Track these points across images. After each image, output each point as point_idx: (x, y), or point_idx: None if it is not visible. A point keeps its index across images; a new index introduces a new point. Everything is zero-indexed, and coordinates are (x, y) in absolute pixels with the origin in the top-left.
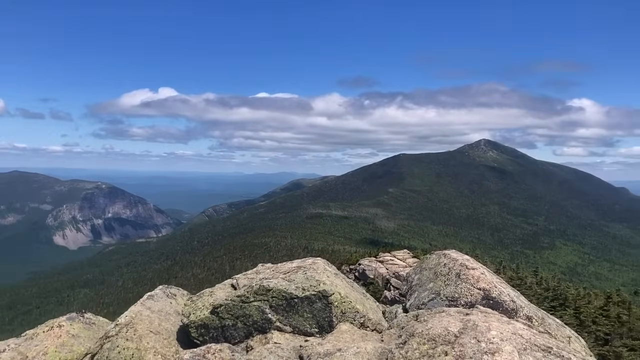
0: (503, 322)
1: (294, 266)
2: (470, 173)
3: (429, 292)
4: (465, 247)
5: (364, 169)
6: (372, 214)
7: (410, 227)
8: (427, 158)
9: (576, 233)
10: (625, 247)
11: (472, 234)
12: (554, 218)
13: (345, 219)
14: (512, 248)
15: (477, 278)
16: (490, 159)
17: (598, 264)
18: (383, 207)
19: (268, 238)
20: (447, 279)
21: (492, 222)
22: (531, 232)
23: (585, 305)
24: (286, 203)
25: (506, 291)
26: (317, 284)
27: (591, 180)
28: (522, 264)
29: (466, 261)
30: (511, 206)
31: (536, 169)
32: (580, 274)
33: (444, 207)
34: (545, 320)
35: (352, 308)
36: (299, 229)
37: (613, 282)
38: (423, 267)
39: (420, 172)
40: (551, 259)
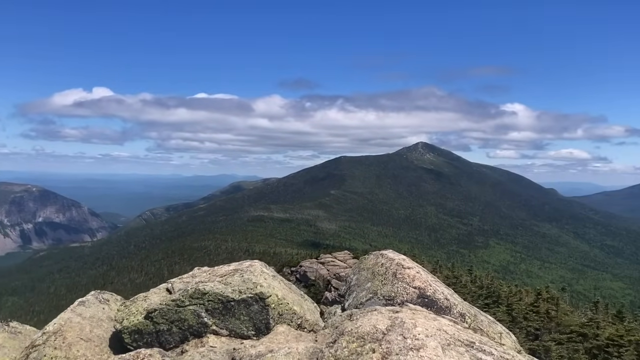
0: (429, 318)
1: (231, 269)
2: (408, 175)
3: (367, 292)
4: (404, 247)
5: (305, 171)
6: (313, 216)
7: (351, 229)
8: (368, 160)
9: (508, 232)
10: (554, 246)
11: (411, 234)
12: (488, 218)
13: (286, 221)
14: (448, 247)
15: (412, 277)
16: (427, 161)
17: (529, 262)
18: (324, 209)
19: (208, 241)
20: (384, 278)
21: (430, 223)
22: (466, 232)
23: (517, 302)
24: (226, 206)
25: (440, 289)
26: (254, 287)
27: (522, 181)
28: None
29: (402, 261)
30: (447, 207)
31: (471, 171)
32: (513, 272)
33: (383, 209)
34: (477, 317)
35: (289, 310)
36: (239, 232)
37: (543, 280)
38: (361, 268)
39: (360, 174)
40: (485, 257)
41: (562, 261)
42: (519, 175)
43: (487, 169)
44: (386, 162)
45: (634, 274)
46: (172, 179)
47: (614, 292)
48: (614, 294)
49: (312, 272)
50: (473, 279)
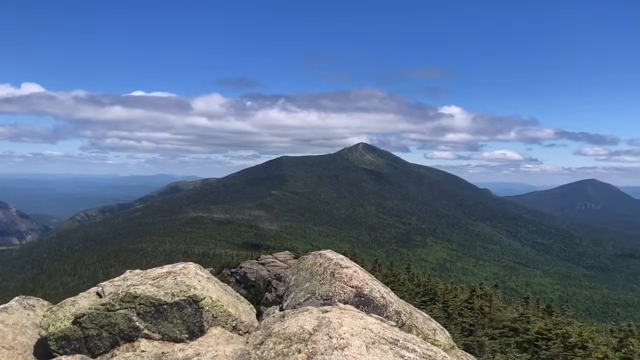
0: (356, 317)
1: (164, 271)
2: (349, 175)
3: (305, 292)
4: (344, 246)
5: (246, 171)
6: (254, 217)
7: (292, 229)
8: (309, 161)
9: (445, 231)
10: (488, 244)
11: (351, 233)
12: (425, 217)
13: (227, 222)
14: (388, 246)
15: (350, 276)
16: (367, 162)
17: (464, 260)
18: (266, 209)
19: (145, 243)
20: (322, 278)
21: (370, 222)
22: (405, 231)
23: (452, 299)
24: (164, 206)
25: (377, 288)
26: (187, 289)
27: (458, 182)
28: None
29: (340, 260)
30: (387, 207)
31: (409, 172)
32: (449, 269)
33: (325, 209)
34: (413, 315)
35: (224, 312)
36: (178, 233)
37: (477, 277)
38: (300, 268)
39: (302, 175)
40: (423, 256)
41: (496, 259)
42: (455, 176)
43: (424, 170)
44: (327, 162)
45: (562, 270)
46: (108, 179)
47: (543, 287)
48: (544, 290)
49: (252, 273)
50: (411, 277)
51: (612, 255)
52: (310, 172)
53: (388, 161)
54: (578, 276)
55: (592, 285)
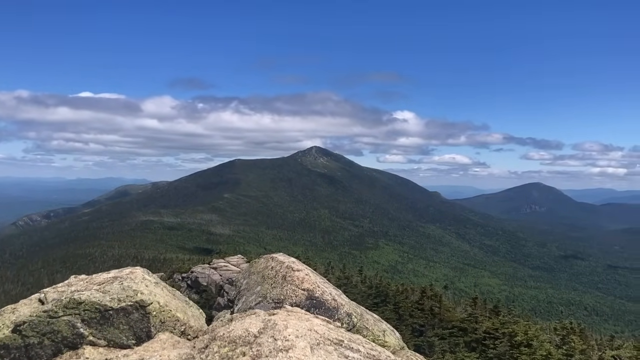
0: (302, 319)
1: (110, 276)
2: (303, 179)
3: (257, 296)
4: (298, 249)
5: (198, 174)
6: (206, 221)
7: (245, 233)
8: (263, 164)
9: (397, 234)
10: (438, 246)
11: (305, 237)
12: (378, 220)
13: (178, 226)
14: (341, 249)
15: (301, 279)
16: (321, 165)
17: (416, 262)
18: (218, 213)
19: (93, 248)
20: (274, 281)
21: (323, 225)
22: (358, 234)
23: (403, 300)
24: (113, 210)
25: (328, 290)
26: (134, 294)
27: (409, 185)
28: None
29: (292, 263)
30: (340, 210)
31: (362, 175)
32: (401, 271)
33: (278, 212)
34: (364, 316)
35: (172, 317)
36: (127, 238)
37: (428, 278)
38: (252, 272)
39: (255, 178)
40: (375, 258)
41: (446, 260)
42: (406, 179)
43: (377, 173)
44: (281, 165)
45: (509, 270)
46: (54, 182)
47: (491, 288)
48: (492, 290)
49: (204, 278)
50: (363, 279)
51: (556, 256)
52: (263, 175)
53: (341, 165)
54: (524, 277)
55: (537, 285)
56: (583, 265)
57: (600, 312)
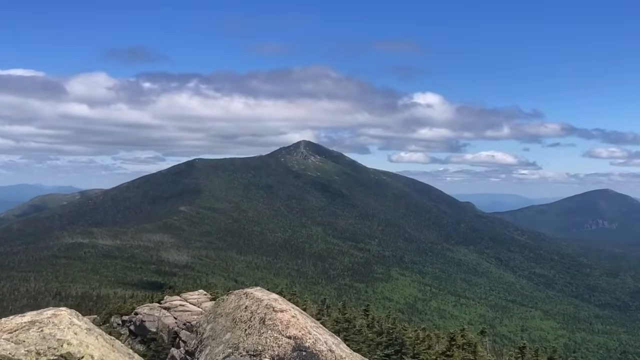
0: None
1: (26, 321)
2: (287, 185)
3: (225, 346)
4: (281, 282)
5: (145, 179)
6: (156, 243)
7: (209, 259)
8: (233, 165)
9: (415, 260)
10: (472, 276)
11: (290, 264)
12: (389, 242)
13: (117, 251)
14: (340, 281)
15: (286, 323)
16: (312, 166)
17: (441, 298)
18: (172, 232)
19: (0, 282)
20: (248, 326)
21: (315, 249)
22: (362, 260)
23: (425, 350)
24: (28, 229)
25: (323, 338)
26: (58, 345)
27: (432, 193)
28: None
29: (273, 302)
30: (338, 227)
31: (368, 180)
32: (421, 310)
33: (254, 230)
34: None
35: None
36: (47, 268)
37: (458, 320)
38: (218, 313)
39: (222, 184)
40: (386, 293)
41: (482, 296)
42: (428, 185)
43: (388, 177)
44: (258, 167)
45: (568, 309)
46: None
47: (544, 333)
48: (545, 336)
49: (152, 322)
50: (370, 323)
51: (632, 289)
52: (233, 180)
53: (340, 166)
54: (589, 317)
55: (607, 329)
56: None
57: None
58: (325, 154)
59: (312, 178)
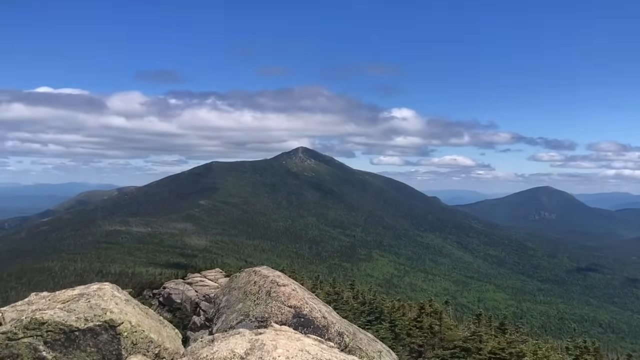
0: (293, 339)
1: (76, 294)
2: (288, 183)
3: (238, 314)
4: (283, 262)
5: (170, 178)
6: (180, 230)
7: (223, 243)
8: (243, 167)
9: (392, 243)
10: (438, 257)
11: (290, 247)
12: (371, 229)
13: (148, 237)
14: (330, 261)
15: (288, 295)
16: (308, 168)
17: (413, 275)
18: (193, 221)
19: (53, 262)
20: (257, 298)
21: (311, 235)
22: (349, 244)
23: (400, 317)
24: (76, 219)
25: (317, 307)
26: (102, 313)
27: (406, 189)
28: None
29: (277, 278)
30: (329, 218)
31: (354, 179)
32: (397, 285)
33: (260, 220)
34: (357, 336)
35: (145, 338)
36: (91, 250)
37: (427, 292)
38: (232, 287)
39: (234, 182)
40: (368, 271)
41: (446, 272)
42: (403, 183)
43: (370, 177)
44: (263, 168)
45: (516, 284)
46: (8, 187)
47: (497, 303)
48: (497, 305)
49: (177, 295)
50: (355, 295)
51: (567, 267)
52: (243, 179)
53: (331, 167)
54: (533, 290)
55: (548, 300)
56: (597, 277)
57: (617, 329)
58: (318, 158)
59: (308, 178)
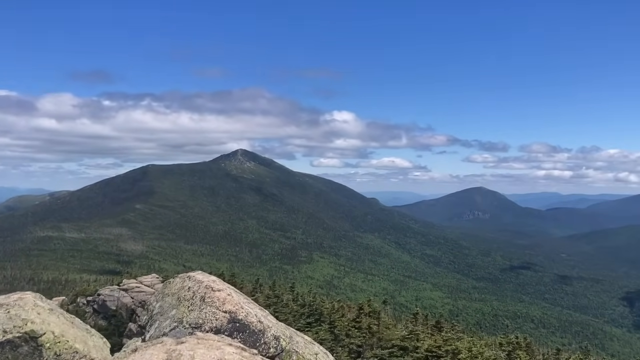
0: (212, 348)
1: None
2: (227, 186)
3: (171, 321)
4: (222, 266)
5: (105, 182)
6: (115, 235)
7: (161, 248)
8: (180, 169)
9: (332, 245)
10: (377, 257)
11: (230, 251)
12: (311, 231)
13: (82, 243)
14: (271, 264)
15: (223, 300)
16: (247, 170)
17: (353, 276)
18: (129, 226)
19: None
20: (191, 304)
21: (251, 238)
22: (289, 246)
23: (339, 318)
24: (4, 225)
25: (253, 312)
26: (22, 324)
27: (345, 191)
28: (280, 280)
29: (212, 283)
30: (269, 220)
31: (294, 181)
32: (337, 286)
33: (199, 224)
34: (293, 339)
35: (69, 348)
36: (22, 257)
37: (366, 293)
38: (165, 293)
39: (172, 186)
40: (309, 272)
41: (385, 272)
42: (342, 185)
43: (310, 179)
44: (202, 171)
45: (452, 282)
46: None
47: (434, 302)
48: (434, 304)
49: (112, 301)
50: (295, 297)
51: (501, 265)
52: (181, 182)
53: (271, 170)
54: (468, 288)
55: (482, 298)
56: (529, 275)
57: (548, 324)
58: (258, 160)
59: (248, 180)
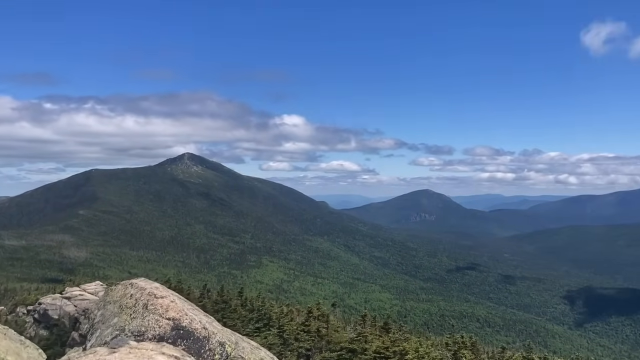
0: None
1: None
2: (173, 190)
3: (113, 329)
4: (169, 272)
5: (47, 187)
6: (58, 242)
7: (105, 255)
8: (125, 174)
9: (282, 249)
10: (327, 260)
11: (177, 257)
12: (261, 235)
13: (23, 250)
14: (219, 269)
15: (166, 307)
16: (195, 174)
17: (302, 279)
18: (72, 232)
19: None
20: (133, 311)
21: (198, 243)
22: (238, 251)
23: (288, 323)
24: None
25: (198, 318)
26: None
27: (294, 195)
28: (229, 285)
29: (155, 290)
30: (217, 225)
31: (242, 185)
32: (287, 290)
33: (145, 230)
34: (239, 345)
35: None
36: None
37: (316, 296)
38: (107, 301)
39: (116, 190)
40: (258, 277)
41: (335, 275)
42: (291, 189)
43: (259, 183)
44: (147, 175)
45: (400, 283)
46: None
47: (382, 303)
48: (383, 306)
49: (54, 310)
50: (244, 302)
51: (447, 266)
52: (126, 187)
53: (218, 174)
54: (415, 289)
55: (429, 298)
56: (474, 275)
57: (492, 323)
58: (206, 164)
59: (195, 184)
